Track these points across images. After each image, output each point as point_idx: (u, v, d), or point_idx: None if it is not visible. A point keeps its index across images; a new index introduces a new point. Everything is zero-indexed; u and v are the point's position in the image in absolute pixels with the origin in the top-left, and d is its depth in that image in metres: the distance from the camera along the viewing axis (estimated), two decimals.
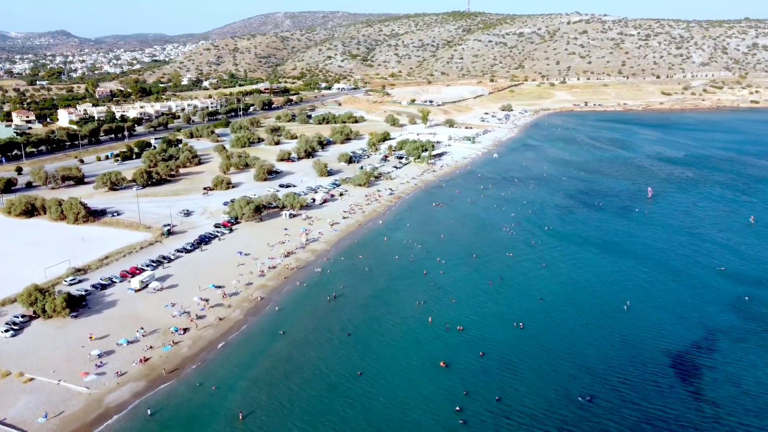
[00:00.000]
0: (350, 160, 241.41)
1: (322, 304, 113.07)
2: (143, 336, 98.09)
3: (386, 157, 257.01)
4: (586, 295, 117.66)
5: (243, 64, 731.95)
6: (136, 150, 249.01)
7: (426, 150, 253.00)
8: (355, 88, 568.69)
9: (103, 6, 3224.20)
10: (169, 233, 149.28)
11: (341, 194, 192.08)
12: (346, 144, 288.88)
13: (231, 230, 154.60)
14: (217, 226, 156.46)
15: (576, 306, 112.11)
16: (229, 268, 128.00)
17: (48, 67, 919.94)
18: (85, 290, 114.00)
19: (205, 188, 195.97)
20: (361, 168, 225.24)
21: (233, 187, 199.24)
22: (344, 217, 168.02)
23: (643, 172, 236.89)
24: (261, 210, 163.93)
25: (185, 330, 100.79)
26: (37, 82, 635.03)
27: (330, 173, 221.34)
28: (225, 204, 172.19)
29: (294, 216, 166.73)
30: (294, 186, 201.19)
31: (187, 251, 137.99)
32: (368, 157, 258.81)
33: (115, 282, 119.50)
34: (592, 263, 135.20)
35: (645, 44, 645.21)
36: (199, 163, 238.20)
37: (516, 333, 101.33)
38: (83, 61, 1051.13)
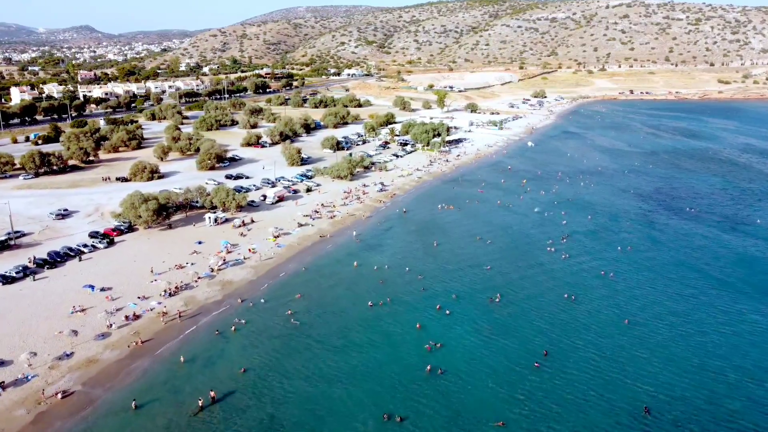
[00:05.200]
0: (338, 147, 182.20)
1: (189, 414, 53.89)
2: None
3: (386, 143, 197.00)
4: (744, 400, 56.51)
5: (250, 50, 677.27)
6: (70, 130, 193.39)
7: (438, 134, 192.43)
8: (367, 75, 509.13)
9: (128, 3, 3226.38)
10: (3, 247, 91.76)
11: (309, 189, 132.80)
12: (341, 129, 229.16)
13: (111, 242, 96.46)
14: (93, 235, 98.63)
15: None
16: (55, 318, 69.90)
17: (54, 56, 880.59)
18: None
19: (117, 178, 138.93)
20: (350, 155, 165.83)
21: (160, 177, 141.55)
22: (301, 224, 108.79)
23: (738, 167, 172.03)
24: (168, 211, 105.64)
25: None
26: (29, 68, 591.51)
27: (306, 161, 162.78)
28: None
29: (224, 221, 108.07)
30: (246, 177, 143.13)
31: (6, 281, 79.98)
32: (363, 143, 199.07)
33: None
34: (726, 319, 73.62)
35: (695, 29, 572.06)
36: (139, 146, 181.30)
37: None
38: (94, 51, 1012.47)
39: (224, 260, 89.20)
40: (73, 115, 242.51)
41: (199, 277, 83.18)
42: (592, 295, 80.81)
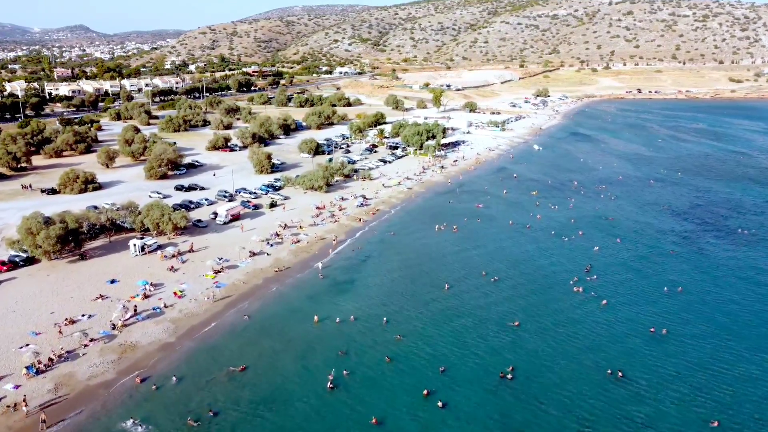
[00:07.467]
0: (317, 150, 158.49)
1: None
2: None
3: (374, 146, 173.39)
4: None
5: (240, 48, 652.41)
6: (5, 132, 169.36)
7: (433, 136, 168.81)
8: (360, 73, 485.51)
9: (124, 3, 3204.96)
10: None
11: (273, 205, 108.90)
12: (325, 130, 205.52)
13: None
14: None
15: None
16: None
17: (40, 54, 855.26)
18: None
19: (43, 190, 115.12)
20: (330, 161, 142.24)
21: (97, 188, 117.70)
22: (255, 253, 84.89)
23: None
24: (81, 237, 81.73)
25: None
26: (9, 66, 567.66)
27: (278, 168, 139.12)
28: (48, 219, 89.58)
29: (154, 249, 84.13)
30: (201, 188, 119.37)
31: None
32: (348, 146, 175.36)
33: None
34: None
35: (703, 26, 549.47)
36: (89, 150, 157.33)
37: None
38: (83, 50, 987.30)
39: (135, 311, 65.33)
40: (28, 114, 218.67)
41: (91, 339, 59.33)
42: (643, 366, 57.15)
